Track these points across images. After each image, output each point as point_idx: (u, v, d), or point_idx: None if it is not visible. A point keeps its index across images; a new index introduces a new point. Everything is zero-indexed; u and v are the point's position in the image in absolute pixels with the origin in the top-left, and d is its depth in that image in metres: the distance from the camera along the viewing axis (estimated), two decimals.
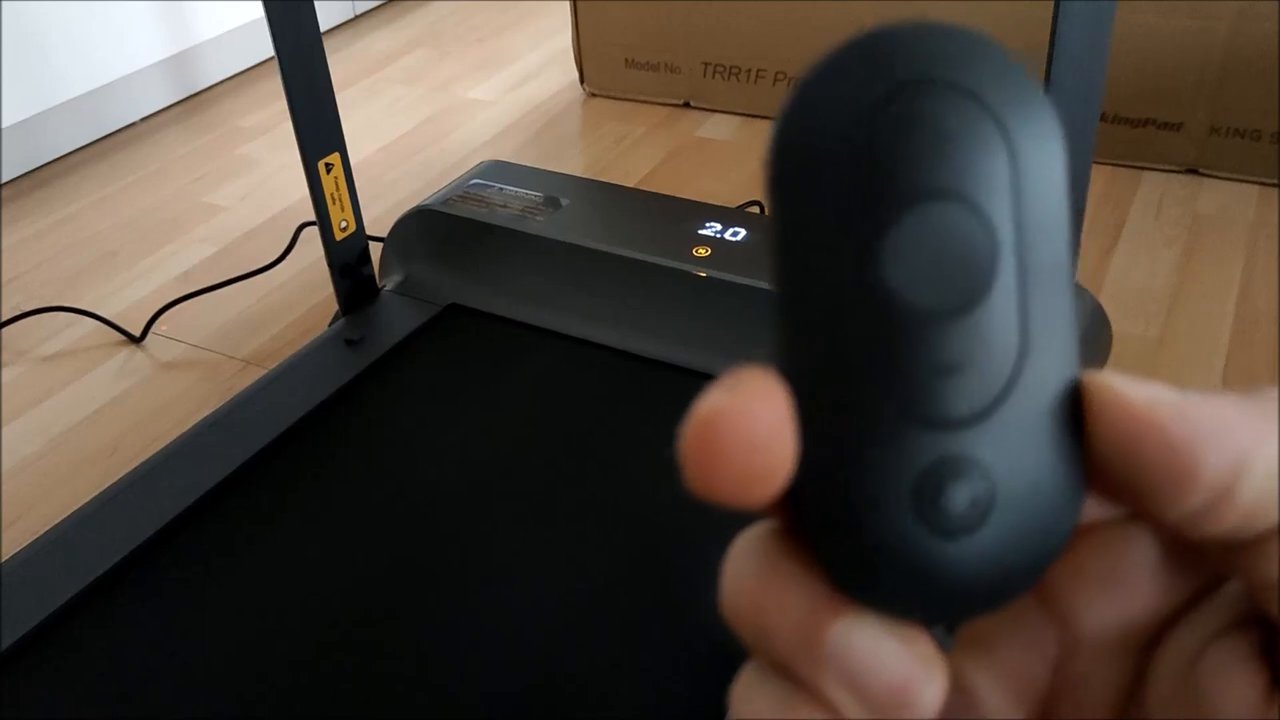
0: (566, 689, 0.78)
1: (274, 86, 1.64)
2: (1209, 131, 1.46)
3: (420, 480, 0.99)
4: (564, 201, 1.24)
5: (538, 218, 1.21)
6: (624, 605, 0.83)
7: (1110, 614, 0.18)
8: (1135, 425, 0.16)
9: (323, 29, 1.13)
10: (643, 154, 1.64)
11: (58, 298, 1.40)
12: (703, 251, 1.12)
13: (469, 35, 2.13)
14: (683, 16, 1.72)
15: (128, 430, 1.18)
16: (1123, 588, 0.18)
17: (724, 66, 1.72)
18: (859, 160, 0.17)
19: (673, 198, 1.28)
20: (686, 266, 1.10)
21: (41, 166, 1.73)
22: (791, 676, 0.17)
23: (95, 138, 1.80)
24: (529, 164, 1.39)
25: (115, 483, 1.01)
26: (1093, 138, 0.74)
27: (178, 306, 1.34)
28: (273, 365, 1.16)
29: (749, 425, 0.16)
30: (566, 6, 1.83)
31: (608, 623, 0.81)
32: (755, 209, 1.37)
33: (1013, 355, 0.17)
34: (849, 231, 0.17)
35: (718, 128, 1.71)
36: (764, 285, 1.06)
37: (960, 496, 0.17)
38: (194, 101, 1.93)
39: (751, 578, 0.18)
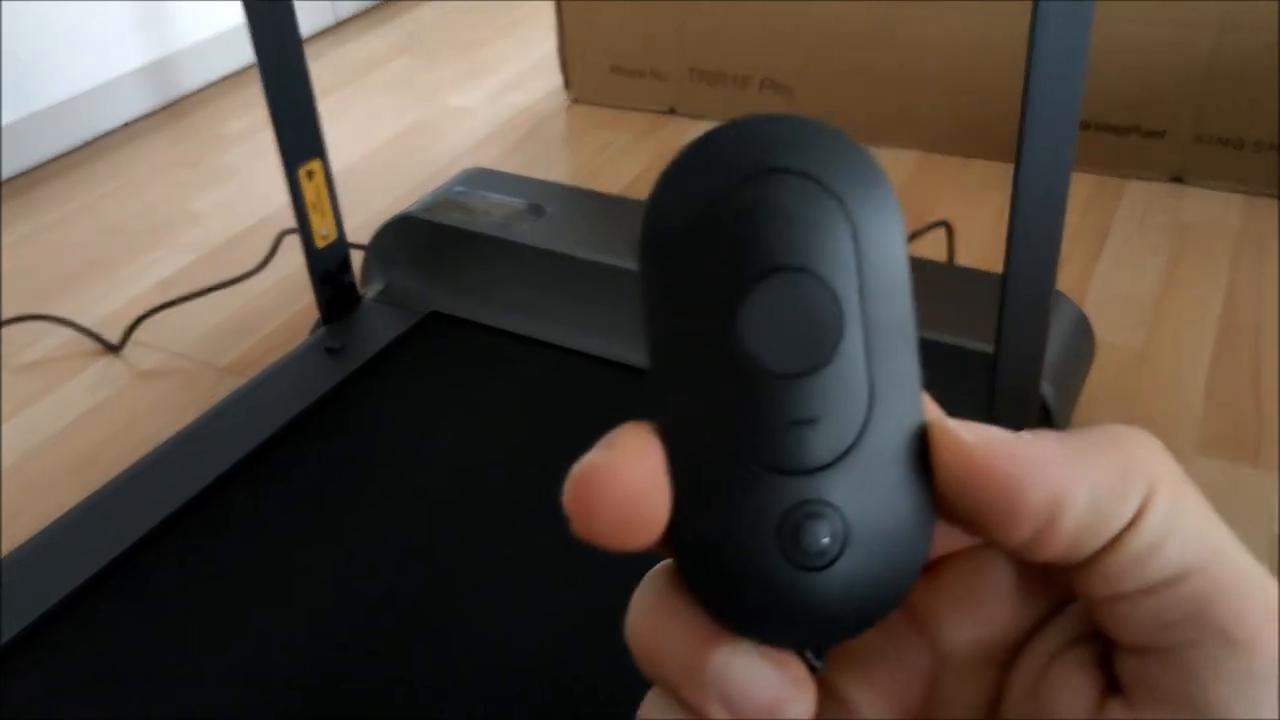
0: (554, 694, 0.77)
1: (256, 93, 1.63)
2: (1193, 140, 1.47)
3: (402, 488, 0.98)
4: (547, 209, 1.23)
5: (521, 225, 1.20)
6: (613, 610, 0.82)
7: (972, 633, 0.20)
8: (970, 466, 0.19)
9: (305, 35, 1.12)
10: (628, 161, 1.63)
11: (35, 306, 1.38)
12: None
13: (453, 42, 2.13)
14: (669, 23, 1.72)
15: (107, 440, 1.16)
16: (982, 609, 0.20)
17: (710, 73, 1.72)
18: (716, 240, 0.19)
19: None
20: None
21: (20, 174, 1.71)
22: (681, 701, 0.19)
23: (75, 144, 1.78)
24: (513, 171, 1.38)
25: (95, 492, 0.99)
26: (1072, 144, 0.74)
27: (157, 315, 1.32)
28: (253, 374, 1.15)
29: (624, 479, 0.18)
30: (551, 13, 1.82)
31: (597, 626, 0.81)
32: None
33: (863, 407, 0.19)
34: (710, 303, 0.19)
35: None
36: None
37: (819, 535, 0.19)
38: (175, 108, 1.91)
39: (646, 612, 0.20)
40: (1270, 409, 1.11)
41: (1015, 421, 0.85)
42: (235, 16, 1.93)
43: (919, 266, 1.05)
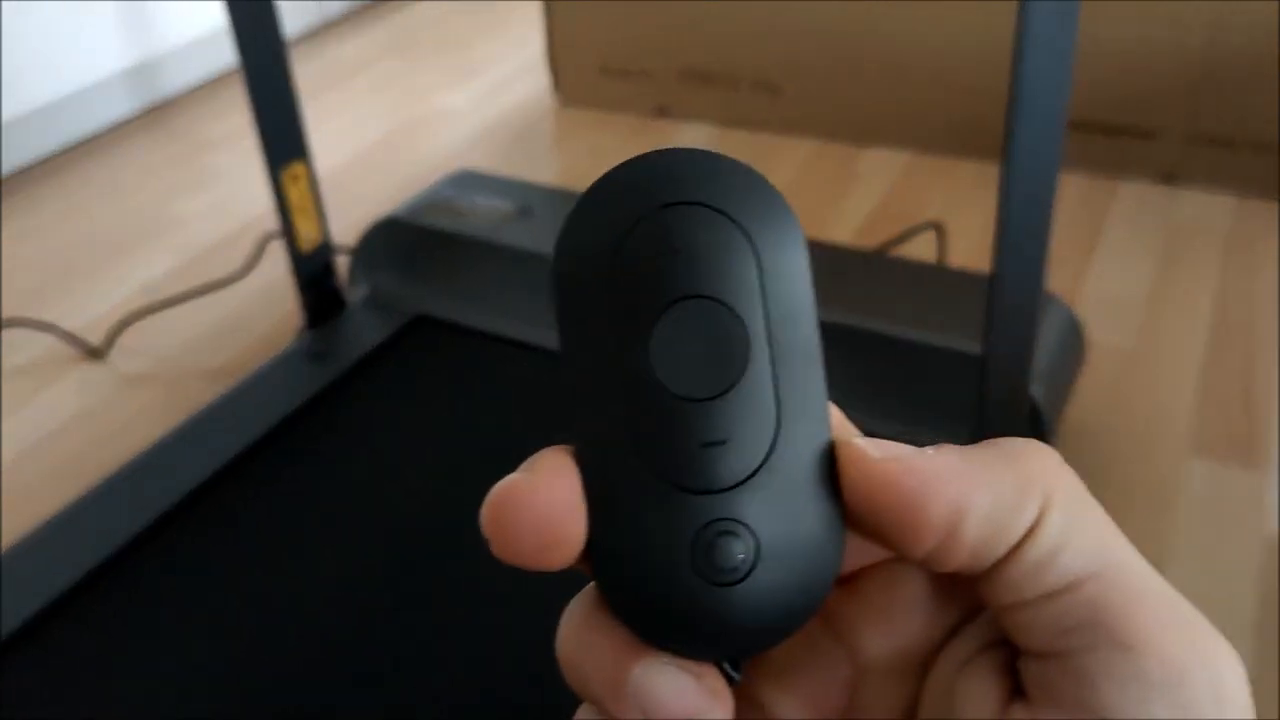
0: (540, 697, 0.76)
1: (241, 95, 1.61)
2: (1185, 141, 1.46)
3: (388, 493, 0.97)
4: (535, 211, 1.22)
5: (509, 228, 1.19)
6: None
7: (889, 642, 0.21)
8: (874, 480, 0.19)
9: (291, 36, 1.11)
10: (617, 163, 1.62)
11: (18, 311, 1.37)
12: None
13: (440, 43, 2.12)
14: (658, 23, 1.71)
15: (90, 446, 1.15)
16: (898, 619, 0.21)
17: (700, 73, 1.71)
18: (625, 272, 0.20)
19: None
20: None
21: (2, 178, 1.70)
22: (606, 715, 0.20)
23: (58, 148, 1.77)
24: (501, 174, 1.37)
25: (78, 498, 0.98)
26: (1059, 144, 0.73)
27: (141, 320, 1.31)
28: (238, 379, 1.13)
29: (540, 501, 0.19)
30: (539, 14, 1.81)
31: None
32: None
33: (771, 427, 0.20)
34: (621, 332, 0.20)
35: (693, 136, 1.70)
36: None
37: (731, 552, 0.19)
38: (159, 111, 1.90)
39: (572, 630, 0.21)
40: (1262, 410, 1.10)
41: (1004, 423, 0.84)
42: (219, 19, 1.92)
43: (909, 268, 1.05)
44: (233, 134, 1.78)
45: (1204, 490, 1.01)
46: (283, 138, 1.11)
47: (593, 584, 0.21)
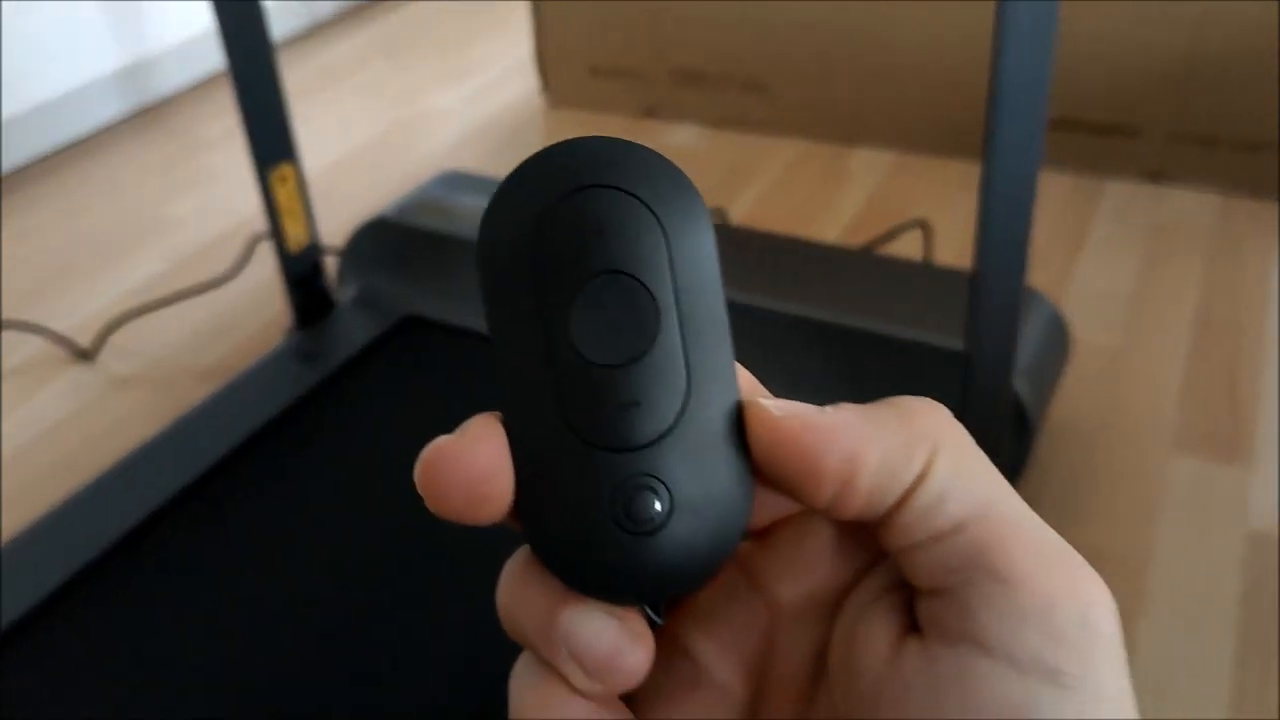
0: None
1: (231, 97, 1.61)
2: (1170, 139, 1.47)
3: (378, 492, 0.97)
4: None
5: None
6: None
7: (801, 588, 0.23)
8: (776, 435, 0.21)
9: (280, 38, 1.11)
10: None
11: (8, 312, 1.37)
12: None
13: (429, 45, 2.12)
14: (647, 23, 1.71)
15: (81, 447, 1.15)
16: (809, 567, 0.23)
17: (689, 73, 1.72)
18: (544, 250, 0.22)
19: None
20: None
21: None
22: (541, 660, 0.22)
23: (48, 150, 1.77)
24: (490, 175, 1.37)
25: (67, 497, 0.98)
26: (1039, 141, 0.74)
27: (131, 321, 1.31)
28: (227, 380, 1.14)
29: (469, 461, 0.21)
30: (527, 15, 1.81)
31: None
32: (719, 218, 1.36)
33: (682, 390, 0.22)
34: (542, 306, 0.22)
35: (683, 136, 1.70)
36: (728, 296, 1.05)
37: (648, 504, 0.21)
38: (149, 113, 1.90)
39: (508, 584, 0.23)
40: (1246, 406, 1.11)
41: (987, 418, 0.85)
42: (208, 20, 1.92)
43: (896, 265, 1.05)
44: (224, 135, 1.78)
45: (1188, 486, 1.02)
46: (271, 139, 1.12)
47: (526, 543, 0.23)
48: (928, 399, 0.22)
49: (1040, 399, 0.97)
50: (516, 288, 0.22)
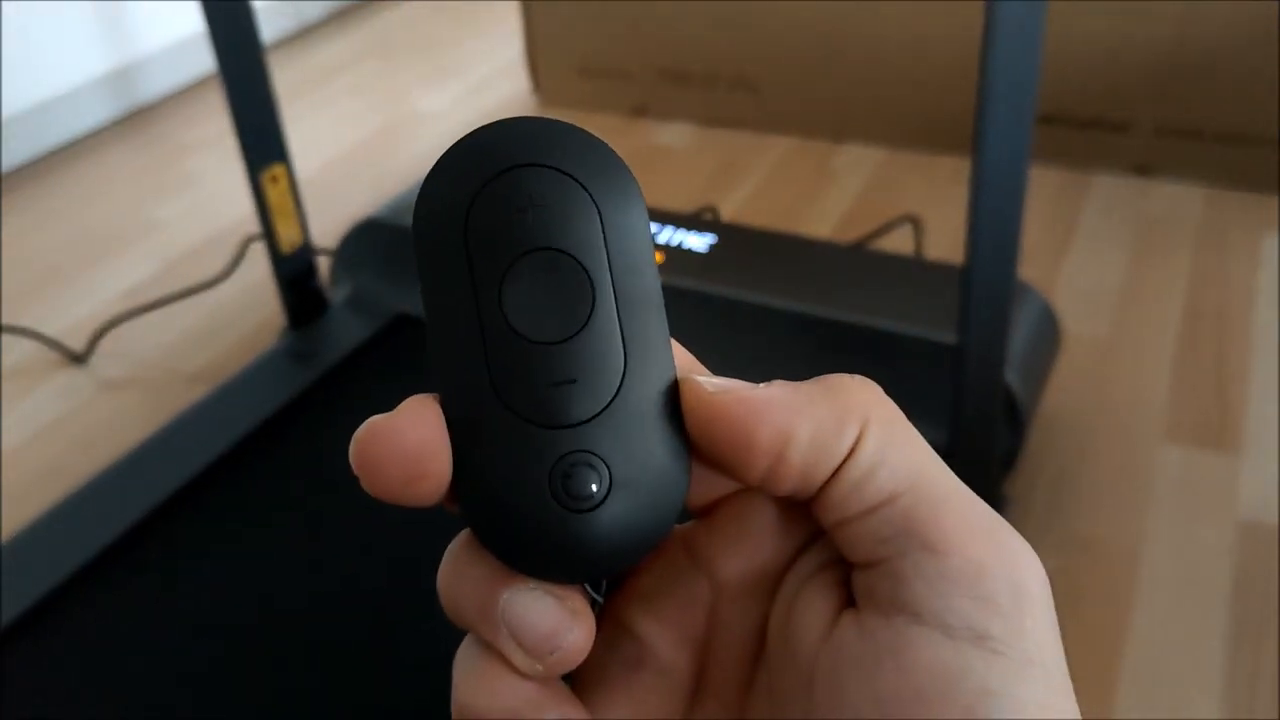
0: None
1: (219, 100, 1.61)
2: (1156, 133, 1.48)
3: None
4: None
5: None
6: None
7: (742, 566, 0.23)
8: (710, 412, 0.21)
9: (270, 40, 1.11)
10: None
11: None
12: (656, 258, 1.11)
13: (419, 45, 2.12)
14: (636, 23, 1.72)
15: (73, 451, 1.15)
16: (749, 545, 0.23)
17: (678, 72, 1.72)
18: (478, 227, 0.21)
19: None
20: None
21: None
22: (481, 639, 0.22)
23: (36, 155, 1.76)
24: None
25: (59, 502, 0.98)
26: (1028, 135, 0.74)
27: (122, 324, 1.31)
28: (221, 381, 1.14)
29: (404, 439, 0.21)
30: (517, 16, 1.82)
31: None
32: (710, 215, 1.36)
33: (618, 367, 0.22)
34: (476, 283, 0.21)
35: (674, 135, 1.71)
36: (720, 292, 1.05)
37: (586, 481, 0.21)
38: (137, 116, 1.89)
39: (448, 566, 0.23)
40: (1234, 396, 1.12)
41: (980, 410, 0.85)
42: (196, 24, 1.91)
43: (887, 261, 1.05)
44: (212, 138, 1.78)
45: (1179, 475, 1.03)
46: (262, 139, 1.12)
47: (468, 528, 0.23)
48: (858, 376, 0.22)
49: (1032, 391, 0.98)
50: (450, 266, 0.22)
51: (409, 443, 0.21)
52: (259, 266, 1.33)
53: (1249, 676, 0.84)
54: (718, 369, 0.23)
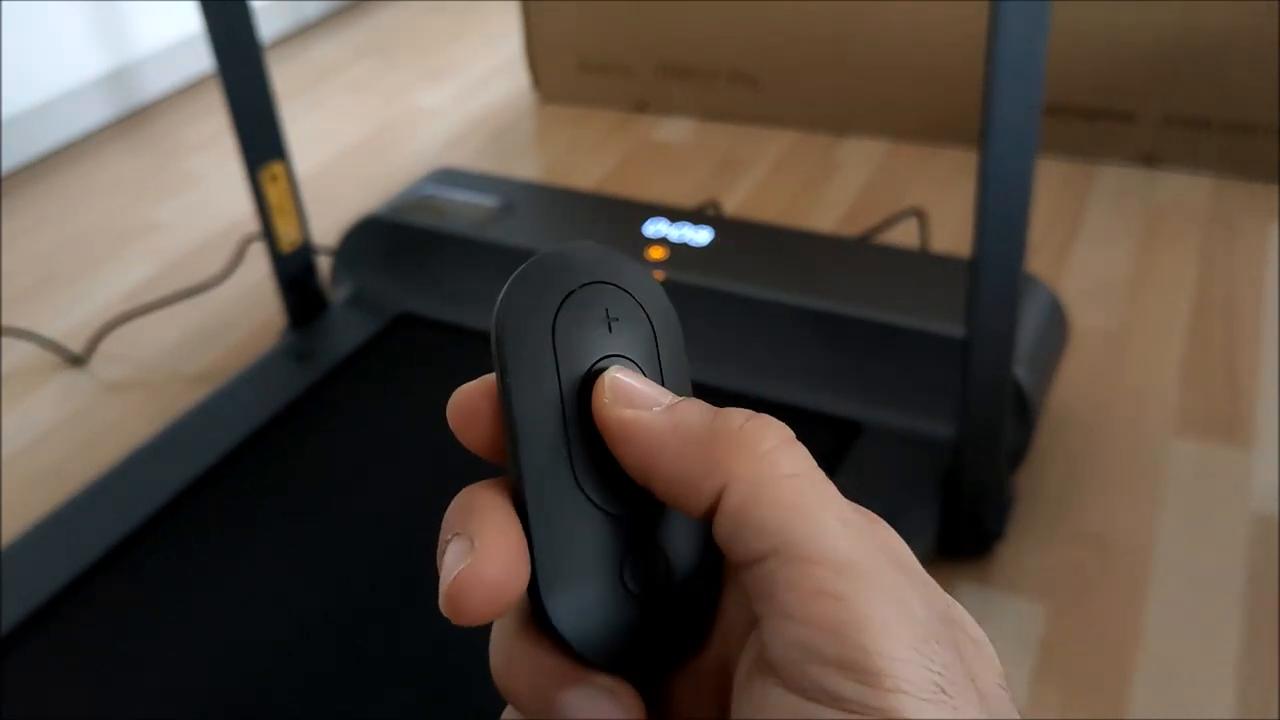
0: None
1: (216, 100, 1.60)
2: (1162, 122, 1.47)
3: (374, 491, 0.97)
4: (517, 208, 1.22)
5: (490, 225, 1.19)
6: None
7: (741, 643, 0.23)
8: (598, 416, 0.23)
9: (269, 39, 1.10)
10: (597, 159, 1.62)
11: None
12: (659, 253, 1.10)
13: (418, 43, 2.11)
14: (635, 19, 1.71)
15: (74, 454, 1.14)
16: (727, 615, 0.24)
17: (678, 68, 1.71)
18: (565, 331, 0.24)
19: (627, 201, 1.26)
20: None
21: None
22: None
23: (34, 156, 1.76)
24: (482, 171, 1.36)
25: (63, 504, 0.98)
26: (1035, 127, 0.73)
27: (122, 326, 1.30)
28: (222, 382, 1.13)
29: (490, 581, 0.22)
30: (516, 13, 1.81)
31: None
32: (713, 210, 1.35)
33: None
34: (557, 384, 0.24)
35: (674, 130, 1.70)
36: (722, 287, 1.04)
37: (655, 570, 0.23)
38: (135, 117, 1.89)
39: (503, 653, 0.24)
40: (1245, 387, 1.11)
41: (988, 405, 0.84)
42: (194, 24, 1.91)
43: (893, 254, 1.04)
44: (210, 138, 1.77)
45: (1190, 469, 1.02)
46: (260, 137, 1.11)
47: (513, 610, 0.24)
48: (750, 423, 0.22)
49: (1040, 385, 0.97)
50: (537, 365, 0.23)
51: (494, 583, 0.22)
52: (259, 266, 1.33)
53: (1266, 671, 0.83)
54: (724, 364, 0.23)
